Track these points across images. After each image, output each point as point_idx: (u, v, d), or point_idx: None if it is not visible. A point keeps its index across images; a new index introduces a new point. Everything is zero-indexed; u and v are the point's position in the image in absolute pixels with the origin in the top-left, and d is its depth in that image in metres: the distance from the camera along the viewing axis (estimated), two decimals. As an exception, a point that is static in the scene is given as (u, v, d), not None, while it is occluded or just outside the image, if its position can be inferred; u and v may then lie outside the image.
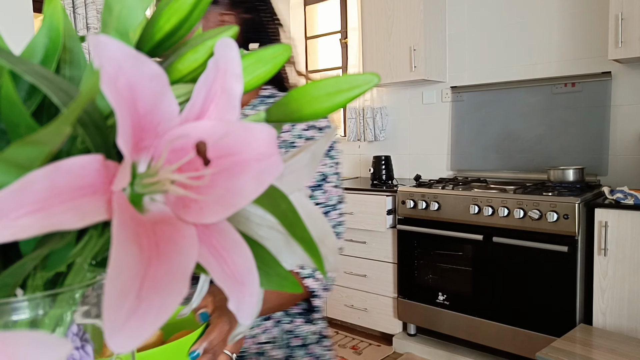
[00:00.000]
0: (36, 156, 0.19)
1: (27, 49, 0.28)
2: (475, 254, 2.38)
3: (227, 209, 0.23)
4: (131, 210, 0.21)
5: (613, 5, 2.17)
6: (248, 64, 0.30)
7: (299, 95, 0.29)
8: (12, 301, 0.24)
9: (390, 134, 3.40)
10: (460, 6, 3.00)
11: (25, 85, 0.27)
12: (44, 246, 0.22)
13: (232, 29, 0.29)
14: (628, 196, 2.03)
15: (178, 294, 0.19)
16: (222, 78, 0.26)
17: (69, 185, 0.19)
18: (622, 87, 2.44)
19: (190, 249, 0.21)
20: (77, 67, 0.29)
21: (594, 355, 1.75)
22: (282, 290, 0.28)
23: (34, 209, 0.18)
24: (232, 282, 0.23)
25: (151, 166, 0.23)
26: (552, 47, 2.66)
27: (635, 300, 1.98)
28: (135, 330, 0.18)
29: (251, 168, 0.24)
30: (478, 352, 2.44)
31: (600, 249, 2.03)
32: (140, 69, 0.21)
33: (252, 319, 0.24)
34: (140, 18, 0.27)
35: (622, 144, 2.46)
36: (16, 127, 0.24)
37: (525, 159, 2.74)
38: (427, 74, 2.92)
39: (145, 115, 0.22)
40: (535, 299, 2.18)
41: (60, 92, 0.22)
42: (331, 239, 0.30)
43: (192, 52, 0.28)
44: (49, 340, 0.18)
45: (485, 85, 2.89)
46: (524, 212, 2.17)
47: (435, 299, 2.53)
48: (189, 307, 0.38)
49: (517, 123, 2.77)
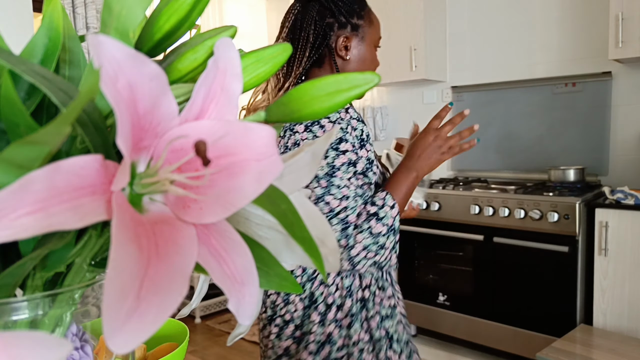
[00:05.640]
0: (36, 156, 0.19)
1: (27, 49, 0.28)
2: (476, 254, 2.37)
3: (227, 209, 0.23)
4: (131, 210, 0.21)
5: (613, 5, 2.16)
6: (248, 63, 0.30)
7: (299, 95, 0.28)
8: (12, 301, 0.24)
9: (391, 133, 3.40)
10: (460, 6, 3.00)
11: (25, 85, 0.27)
12: (43, 246, 0.22)
13: (232, 28, 0.29)
14: (628, 196, 2.03)
15: (178, 294, 0.19)
16: (221, 78, 0.26)
17: (69, 185, 0.19)
18: (622, 87, 2.44)
19: (190, 249, 0.21)
20: (76, 67, 0.29)
21: (594, 356, 1.75)
22: (282, 290, 0.28)
23: (33, 209, 0.18)
24: (232, 282, 0.23)
25: (151, 166, 0.23)
26: (553, 47, 2.65)
27: (635, 300, 1.97)
28: (135, 330, 0.17)
29: (251, 168, 0.24)
30: (478, 352, 2.44)
31: (601, 249, 2.03)
32: (140, 69, 0.21)
33: (252, 319, 0.24)
34: (140, 18, 0.27)
35: (622, 144, 2.46)
36: (16, 127, 0.24)
37: (525, 159, 2.74)
38: (427, 73, 2.92)
39: (144, 115, 0.22)
40: (536, 299, 2.18)
41: (60, 92, 0.22)
42: (331, 239, 0.30)
43: (191, 52, 0.28)
44: (49, 341, 0.18)
45: (486, 85, 2.89)
46: (525, 212, 2.17)
47: (436, 299, 2.53)
48: (188, 307, 0.38)
49: (517, 123, 2.76)
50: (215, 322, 3.14)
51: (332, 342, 0.93)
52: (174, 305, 0.19)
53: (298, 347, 0.95)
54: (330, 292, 0.95)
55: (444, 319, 2.51)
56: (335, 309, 0.94)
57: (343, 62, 1.02)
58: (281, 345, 0.96)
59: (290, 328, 0.96)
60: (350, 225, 0.88)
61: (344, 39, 1.00)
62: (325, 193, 0.88)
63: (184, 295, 0.19)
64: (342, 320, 0.94)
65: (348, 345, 0.94)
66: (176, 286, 0.19)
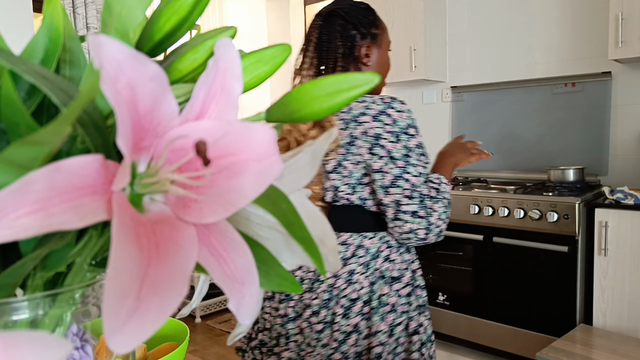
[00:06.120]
0: (36, 156, 0.19)
1: (27, 49, 0.28)
2: (476, 254, 2.37)
3: (227, 209, 0.23)
4: (131, 210, 0.21)
5: (613, 5, 2.16)
6: (248, 63, 0.30)
7: (299, 95, 0.28)
8: (12, 301, 0.24)
9: (391, 134, 3.39)
10: (460, 6, 3.00)
11: (25, 85, 0.27)
12: (43, 246, 0.22)
13: (232, 29, 0.29)
14: (628, 196, 2.03)
15: (178, 294, 0.19)
16: (222, 78, 0.26)
17: (69, 185, 0.19)
18: (622, 87, 2.44)
19: (190, 249, 0.21)
20: (76, 67, 0.29)
21: (594, 356, 1.75)
22: (282, 290, 0.28)
23: (33, 209, 0.18)
24: (232, 282, 0.23)
25: (151, 166, 0.23)
26: (552, 47, 2.65)
27: (635, 300, 1.98)
28: (135, 330, 0.17)
29: (251, 168, 0.24)
30: (478, 352, 2.44)
31: (601, 249, 2.03)
32: (140, 69, 0.21)
33: (252, 319, 0.24)
34: (140, 18, 0.27)
35: (622, 144, 2.46)
36: (16, 127, 0.24)
37: (525, 159, 2.74)
38: (427, 73, 2.91)
39: (145, 115, 0.22)
40: (536, 299, 2.18)
41: (60, 92, 0.22)
42: (331, 238, 0.30)
43: (192, 52, 0.28)
44: (49, 340, 0.18)
45: (486, 85, 2.89)
46: (524, 212, 2.17)
47: (436, 299, 2.53)
48: (188, 307, 0.38)
49: (517, 123, 2.76)
50: (216, 322, 3.14)
51: (395, 310, 1.06)
52: (174, 305, 0.19)
53: (367, 321, 1.05)
54: (394, 267, 1.08)
55: (443, 319, 2.51)
56: (398, 281, 1.08)
57: (365, 68, 1.16)
58: (350, 323, 1.04)
59: (358, 305, 1.05)
60: (425, 198, 1.02)
61: (365, 47, 1.14)
62: (403, 172, 1.02)
63: (184, 295, 0.19)
64: (402, 290, 1.08)
65: (408, 311, 1.08)
66: (176, 286, 0.19)
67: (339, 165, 1.06)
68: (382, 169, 1.02)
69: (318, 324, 1.06)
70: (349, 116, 1.05)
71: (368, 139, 1.03)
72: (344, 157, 1.06)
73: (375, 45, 1.16)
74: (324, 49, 1.12)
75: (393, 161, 1.02)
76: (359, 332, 1.05)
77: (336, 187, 1.07)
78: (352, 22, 1.13)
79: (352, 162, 1.05)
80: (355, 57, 1.14)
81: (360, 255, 1.06)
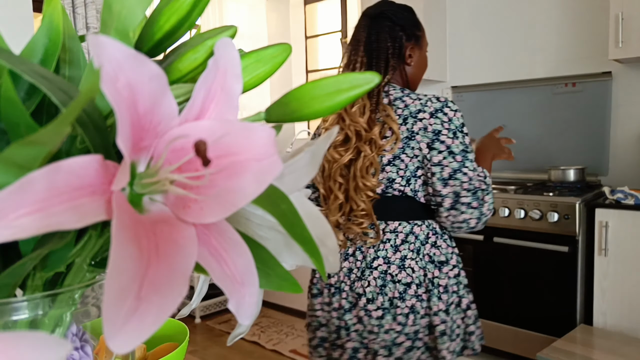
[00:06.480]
0: (36, 156, 0.19)
1: (27, 49, 0.28)
2: (476, 254, 2.37)
3: (227, 209, 0.23)
4: (131, 210, 0.21)
5: (613, 5, 2.16)
6: (248, 63, 0.30)
7: (299, 95, 0.28)
8: (12, 301, 0.24)
9: (391, 134, 3.39)
10: (460, 6, 3.00)
11: (25, 85, 0.27)
12: (43, 246, 0.22)
13: (232, 28, 0.29)
14: (628, 196, 2.03)
15: (178, 294, 0.19)
16: (222, 78, 0.26)
17: (69, 185, 0.19)
18: (622, 87, 2.44)
19: (190, 249, 0.21)
20: (76, 67, 0.29)
21: (594, 356, 1.75)
22: (282, 291, 0.28)
23: (33, 209, 0.18)
24: (232, 282, 0.23)
25: (151, 166, 0.23)
26: (552, 47, 2.65)
27: (635, 300, 1.97)
28: (135, 330, 0.17)
29: (251, 168, 0.24)
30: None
31: (601, 249, 2.03)
32: (140, 69, 0.21)
33: (252, 319, 0.24)
34: (140, 18, 0.27)
35: (622, 144, 2.45)
36: (16, 127, 0.24)
37: (525, 159, 2.73)
38: (427, 73, 2.90)
39: (145, 115, 0.22)
40: (536, 299, 2.18)
41: (60, 92, 0.22)
42: (331, 238, 0.30)
43: (192, 52, 0.28)
44: (49, 341, 0.18)
45: (486, 85, 2.89)
46: (525, 212, 2.17)
47: (436, 299, 2.53)
48: (188, 307, 0.38)
49: (517, 123, 2.76)
50: (215, 322, 3.14)
51: (447, 290, 1.16)
52: (174, 306, 0.19)
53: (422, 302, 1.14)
54: (440, 252, 1.17)
55: (444, 319, 2.51)
56: (447, 264, 1.17)
57: (409, 68, 1.24)
58: (406, 305, 1.13)
59: (412, 288, 1.13)
60: (478, 190, 1.11)
61: (410, 48, 1.22)
62: (462, 166, 1.11)
63: (184, 295, 0.19)
64: (450, 272, 1.18)
65: (458, 291, 1.19)
66: (176, 286, 0.19)
67: (395, 159, 1.13)
68: (442, 162, 1.10)
69: (377, 310, 1.14)
70: (406, 112, 1.13)
71: (427, 134, 1.11)
72: (402, 151, 1.12)
73: (417, 46, 1.24)
74: (373, 47, 1.18)
75: (452, 156, 1.10)
76: (415, 312, 1.13)
77: (392, 179, 1.13)
78: (400, 24, 1.21)
79: (409, 156, 1.12)
80: (402, 56, 1.21)
81: (411, 241, 1.15)
